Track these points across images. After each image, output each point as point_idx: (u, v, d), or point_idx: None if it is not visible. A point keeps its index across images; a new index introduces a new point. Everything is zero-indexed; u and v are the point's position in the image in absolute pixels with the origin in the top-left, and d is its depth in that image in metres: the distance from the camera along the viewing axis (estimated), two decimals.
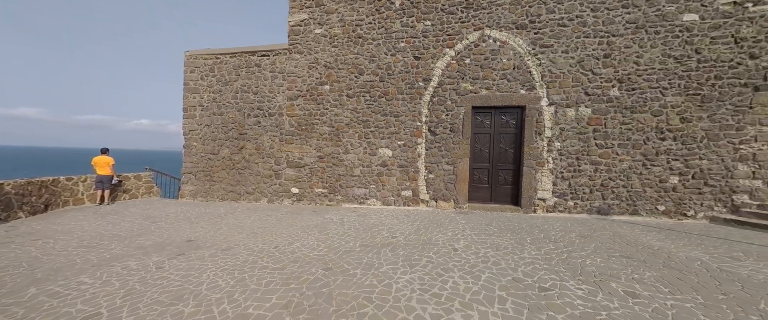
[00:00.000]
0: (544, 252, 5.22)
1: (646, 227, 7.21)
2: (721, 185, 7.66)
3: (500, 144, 8.70)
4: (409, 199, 9.03)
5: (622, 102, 8.01)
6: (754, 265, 4.84)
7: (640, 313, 3.23)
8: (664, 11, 7.71)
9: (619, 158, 8.10)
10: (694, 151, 7.76)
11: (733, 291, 3.85)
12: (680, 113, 7.79)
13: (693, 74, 7.68)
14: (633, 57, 7.91)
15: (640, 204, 8.03)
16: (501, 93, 8.45)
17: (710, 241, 6.21)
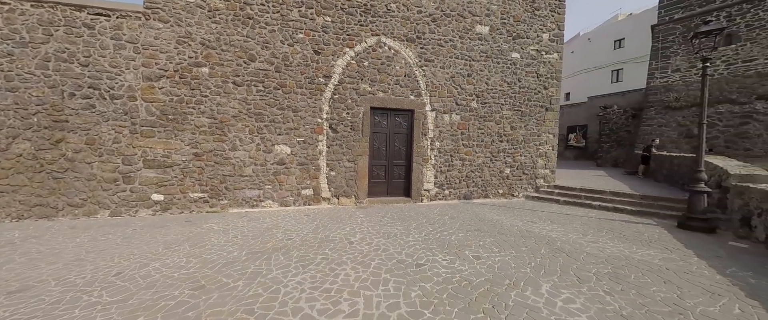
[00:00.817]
0: (424, 234, 5.40)
1: (492, 206, 8.10)
2: (530, 173, 9.10)
3: (395, 143, 7.93)
4: (310, 198, 7.12)
5: (478, 112, 8.53)
6: (542, 225, 6.31)
7: (479, 269, 3.92)
8: (502, 48, 8.62)
9: (477, 156, 8.61)
10: (518, 150, 8.96)
11: (530, 243, 5.04)
12: (510, 123, 8.85)
13: (517, 96, 8.85)
14: (485, 79, 8.54)
15: (489, 189, 8.74)
16: (395, 97, 7.67)
17: (524, 212, 7.52)
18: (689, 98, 14.56)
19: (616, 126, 18.89)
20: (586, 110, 21.88)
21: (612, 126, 19.24)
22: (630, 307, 3.00)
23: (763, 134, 12.12)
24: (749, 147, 12.41)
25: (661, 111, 14.96)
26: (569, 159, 22.94)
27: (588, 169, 15.89)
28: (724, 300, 3.26)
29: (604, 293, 3.28)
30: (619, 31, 23.89)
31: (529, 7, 9.12)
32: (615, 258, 4.40)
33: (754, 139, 12.30)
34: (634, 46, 22.08)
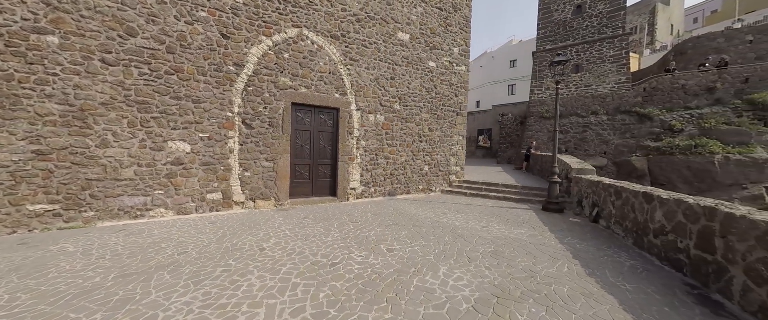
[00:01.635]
0: (344, 232, 4.59)
1: (413, 201, 7.38)
2: (445, 170, 8.56)
3: (320, 141, 6.43)
4: (218, 202, 5.19)
5: (401, 114, 7.58)
6: (451, 215, 6.00)
7: (390, 261, 3.46)
8: (421, 56, 7.83)
9: (400, 154, 7.66)
10: (435, 149, 8.32)
11: (438, 232, 4.71)
12: (429, 125, 8.15)
13: (433, 101, 8.19)
14: (406, 83, 7.62)
15: (411, 186, 7.90)
16: (319, 94, 6.18)
17: (438, 205, 7.07)
18: (554, 111, 16.16)
19: (509, 130, 20.48)
20: (491, 116, 23.42)
21: (507, 130, 20.87)
22: (501, 277, 3.12)
23: (594, 139, 13.94)
24: (587, 148, 14.19)
25: (538, 120, 16.44)
26: (479, 157, 24.34)
27: (490, 166, 16.66)
28: (559, 262, 3.65)
29: (485, 268, 3.35)
30: (513, 54, 26.20)
31: (443, 23, 8.51)
32: (498, 239, 4.50)
33: (590, 142, 14.10)
34: (524, 66, 24.36)
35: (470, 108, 29.19)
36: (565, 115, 15.57)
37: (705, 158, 11.20)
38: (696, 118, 12.20)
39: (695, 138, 11.79)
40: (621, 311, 2.55)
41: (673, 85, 13.17)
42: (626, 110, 13.93)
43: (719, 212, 2.88)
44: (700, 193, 11.42)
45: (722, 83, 12.15)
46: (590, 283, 3.07)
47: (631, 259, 3.84)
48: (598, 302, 2.69)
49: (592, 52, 16.53)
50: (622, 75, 15.53)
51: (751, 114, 11.33)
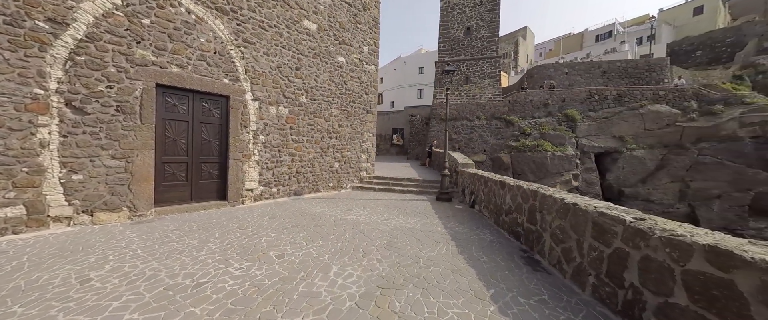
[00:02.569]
0: (226, 242, 3.82)
1: (321, 199, 7.07)
2: (356, 167, 8.57)
3: (203, 135, 5.28)
4: (19, 221, 3.47)
5: (308, 108, 7.09)
6: (357, 211, 5.84)
7: (277, 269, 3.07)
8: (330, 49, 7.53)
9: (307, 151, 7.17)
10: (345, 146, 8.20)
11: (339, 230, 4.55)
12: (339, 121, 7.95)
13: (344, 97, 8.03)
14: (314, 76, 7.16)
15: (320, 183, 7.53)
16: (201, 77, 5.05)
17: (346, 202, 6.94)
18: (451, 114, 18.54)
19: (417, 130, 22.31)
20: (403, 117, 24.89)
21: (415, 130, 22.68)
22: (389, 268, 3.15)
23: (478, 139, 16.77)
24: (473, 147, 16.92)
25: (439, 122, 18.51)
26: (393, 154, 25.57)
27: (401, 162, 17.72)
28: (440, 245, 4.01)
29: (376, 261, 3.33)
30: (421, 61, 28.56)
31: (353, 19, 8.35)
32: (395, 230, 4.61)
33: (475, 142, 16.86)
34: (430, 73, 26.85)
35: (385, 108, 30.74)
36: (457, 118, 18.18)
37: (542, 154, 15.14)
38: (538, 125, 16.37)
39: (537, 140, 15.79)
40: (477, 280, 2.98)
41: (525, 99, 17.26)
42: (498, 117, 17.38)
43: (539, 194, 3.72)
44: (539, 180, 15.32)
45: (552, 101, 16.74)
46: (460, 260, 3.51)
47: (491, 235, 4.63)
48: (463, 276, 3.07)
49: (477, 68, 19.87)
50: (496, 89, 19.26)
51: (566, 124, 16.03)
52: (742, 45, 23.09)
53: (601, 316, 2.43)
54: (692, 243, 1.88)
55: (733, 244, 1.76)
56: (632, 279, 2.30)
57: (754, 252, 1.63)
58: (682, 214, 14.35)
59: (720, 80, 19.09)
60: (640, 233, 2.26)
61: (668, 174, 14.74)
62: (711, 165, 13.95)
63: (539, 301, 2.64)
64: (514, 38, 39.32)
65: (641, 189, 15.21)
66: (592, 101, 16.45)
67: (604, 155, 15.94)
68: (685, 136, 14.56)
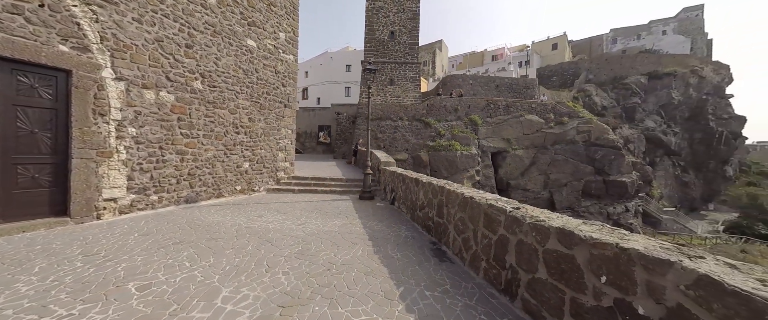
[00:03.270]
0: (53, 278, 2.66)
1: (224, 205, 6.02)
2: (271, 166, 7.72)
3: (21, 123, 3.62)
4: None
5: (205, 96, 5.91)
6: (268, 217, 5.24)
7: (134, 307, 2.30)
8: (235, 30, 6.47)
9: (205, 148, 5.95)
10: (258, 143, 7.25)
11: (241, 242, 3.81)
12: (248, 114, 6.95)
13: (255, 87, 7.07)
14: (213, 57, 6.01)
15: (224, 187, 6.40)
16: (13, 37, 3.44)
17: (257, 207, 6.11)
18: (376, 114, 18.87)
19: (344, 128, 21.77)
20: (330, 114, 23.80)
21: (342, 128, 22.09)
22: (297, 280, 2.80)
23: (401, 138, 17.66)
24: (397, 146, 17.72)
25: (365, 121, 18.50)
26: (320, 153, 24.21)
27: (327, 161, 16.93)
28: (357, 246, 3.83)
29: (282, 274, 2.92)
30: (349, 59, 27.93)
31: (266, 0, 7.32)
32: (311, 235, 4.27)
33: (399, 141, 17.70)
34: (357, 72, 26.48)
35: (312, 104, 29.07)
36: (382, 118, 18.70)
37: (453, 153, 17.15)
38: (450, 127, 18.45)
39: (449, 140, 17.77)
40: (389, 280, 2.93)
41: (440, 104, 19.19)
42: (418, 119, 18.73)
43: (445, 190, 4.00)
44: (451, 175, 17.28)
45: (460, 107, 19.16)
46: (374, 261, 3.42)
47: (407, 231, 4.77)
48: (375, 277, 2.98)
49: (401, 71, 20.88)
50: (416, 92, 20.69)
51: (470, 127, 18.61)
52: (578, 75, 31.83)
53: (490, 296, 2.68)
54: (549, 227, 2.21)
55: (574, 225, 2.14)
56: (511, 260, 2.61)
57: (586, 231, 1.99)
58: (544, 199, 18.66)
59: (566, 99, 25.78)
60: (516, 221, 2.57)
61: (537, 169, 18.92)
62: (561, 162, 18.62)
63: (442, 292, 2.74)
64: (433, 49, 43.43)
65: (521, 181, 19.04)
66: (489, 108, 19.58)
67: (497, 154, 19.23)
68: (547, 140, 18.97)
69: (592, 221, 2.29)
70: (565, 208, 18.69)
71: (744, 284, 1.31)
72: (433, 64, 42.25)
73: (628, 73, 30.56)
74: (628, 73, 30.62)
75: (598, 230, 2.07)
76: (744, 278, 1.36)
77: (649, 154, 27.40)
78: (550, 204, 18.74)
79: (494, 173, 19.06)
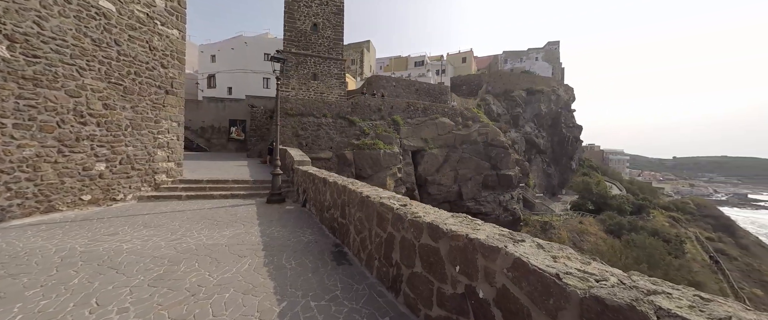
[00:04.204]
0: None
1: (54, 224, 4.47)
2: (146, 168, 6.15)
3: None
4: None
5: (17, 69, 4.15)
6: (127, 234, 4.07)
7: None
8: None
9: (21, 143, 4.19)
10: (121, 138, 5.62)
11: (58, 276, 2.81)
12: (103, 100, 5.33)
13: (115, 64, 5.47)
14: (33, 14, 4.28)
15: (59, 197, 4.71)
16: None
17: (113, 222, 4.72)
18: (297, 110, 17.53)
19: (260, 123, 19.38)
20: (245, 107, 20.65)
21: (258, 123, 19.58)
22: (136, 319, 2.17)
23: (325, 136, 16.99)
24: (321, 144, 16.97)
25: (284, 116, 16.92)
26: (232, 151, 20.84)
27: (239, 160, 14.76)
28: (244, 259, 3.32)
29: (117, 313, 2.22)
30: (267, 47, 24.89)
31: None
32: (184, 252, 3.50)
33: (322, 139, 16.97)
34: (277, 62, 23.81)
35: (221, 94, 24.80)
36: (304, 114, 17.54)
37: (377, 152, 17.55)
38: (374, 126, 18.81)
39: (374, 139, 18.11)
40: (272, 297, 2.57)
41: (365, 103, 19.34)
42: (343, 116, 18.38)
43: (347, 189, 3.86)
44: (375, 173, 17.67)
45: (384, 107, 19.78)
46: (260, 275, 2.98)
47: (312, 235, 4.44)
48: (255, 295, 2.58)
49: (325, 66, 20.03)
50: (342, 89, 20.27)
51: (393, 127, 19.45)
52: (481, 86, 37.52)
53: (379, 295, 2.64)
54: (422, 223, 2.26)
55: (442, 219, 2.24)
56: (397, 257, 2.61)
57: (449, 224, 2.10)
58: (455, 191, 21.19)
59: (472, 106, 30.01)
60: (400, 218, 2.58)
61: (449, 166, 21.30)
62: (467, 159, 21.49)
63: (331, 299, 2.55)
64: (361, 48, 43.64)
65: (436, 176, 21.07)
66: (410, 110, 20.88)
67: (416, 152, 20.71)
68: (457, 140, 21.56)
69: (459, 214, 2.44)
70: (470, 199, 21.69)
71: (541, 262, 1.50)
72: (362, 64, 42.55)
73: (514, 88, 37.83)
74: (514, 87, 37.91)
75: (459, 222, 2.20)
76: (544, 257, 1.57)
77: (527, 152, 34.65)
78: (459, 196, 21.38)
79: (414, 170, 20.47)
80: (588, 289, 1.30)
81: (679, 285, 1.36)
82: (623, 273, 1.49)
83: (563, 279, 1.38)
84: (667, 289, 1.31)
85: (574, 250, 1.72)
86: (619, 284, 1.35)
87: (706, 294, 1.28)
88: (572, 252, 1.68)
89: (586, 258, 1.64)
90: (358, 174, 17.91)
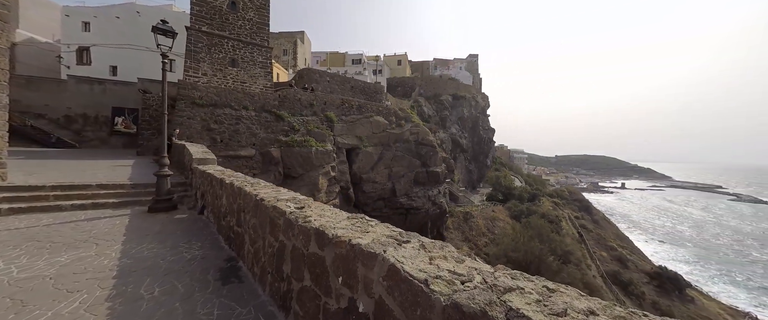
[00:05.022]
0: None
1: None
2: None
3: None
4: None
5: None
6: None
7: None
8: None
9: None
10: None
11: None
12: None
13: None
14: None
15: None
16: None
17: None
18: (210, 99, 14.99)
19: (157, 113, 15.71)
20: (136, 92, 16.34)
21: (153, 113, 15.83)
22: None
23: (246, 131, 15.09)
24: (240, 140, 14.98)
25: (190, 106, 14.25)
26: (117, 147, 16.29)
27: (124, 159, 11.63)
28: (76, 295, 2.47)
29: None
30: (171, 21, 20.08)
31: None
32: None
33: (242, 134, 15.02)
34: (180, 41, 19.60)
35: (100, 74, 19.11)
36: (219, 105, 15.13)
37: (308, 149, 16.51)
38: (305, 122, 17.65)
39: (305, 136, 16.97)
40: None
41: (295, 97, 17.94)
42: (269, 110, 16.61)
43: (243, 192, 3.27)
44: (306, 173, 16.61)
45: (316, 102, 18.77)
46: (95, 315, 2.20)
47: (202, 248, 3.67)
48: None
49: (247, 52, 17.70)
50: (267, 80, 18.31)
51: (326, 124, 18.66)
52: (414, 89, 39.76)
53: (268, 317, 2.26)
54: (311, 229, 1.96)
55: (332, 223, 1.98)
56: (288, 270, 2.24)
57: (337, 229, 1.85)
58: (389, 188, 21.78)
59: (407, 107, 31.44)
60: (291, 224, 2.22)
61: (383, 163, 21.75)
62: (400, 157, 22.35)
63: None
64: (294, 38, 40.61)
65: (371, 174, 21.23)
66: (344, 107, 20.40)
67: (351, 150, 20.41)
68: (390, 138, 22.17)
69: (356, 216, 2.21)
70: (403, 194, 22.64)
71: (414, 267, 1.36)
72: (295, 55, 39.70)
73: (443, 93, 41.43)
74: (443, 92, 41.53)
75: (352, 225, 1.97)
76: (421, 259, 1.44)
77: (453, 151, 38.45)
78: (392, 193, 22.04)
79: (349, 169, 20.12)
80: (451, 295, 1.22)
81: (533, 277, 1.38)
82: (489, 270, 1.46)
83: (430, 286, 1.27)
84: (522, 283, 1.33)
85: (453, 248, 1.68)
86: (481, 284, 1.31)
87: (553, 283, 1.34)
88: (451, 251, 1.63)
89: (462, 255, 1.61)
90: (286, 174, 16.53)
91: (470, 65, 54.12)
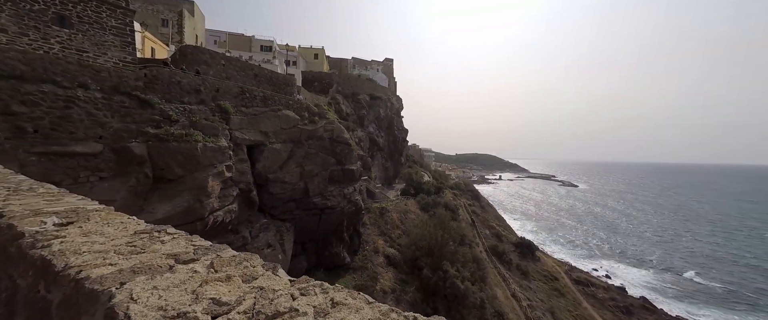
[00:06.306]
0: None
1: None
2: None
3: None
4: None
5: None
6: None
7: None
8: None
9: None
10: None
11: None
12: None
13: None
14: None
15: None
16: None
17: None
18: (17, 69, 9.94)
19: None
20: None
21: None
22: None
23: (86, 119, 10.86)
24: (74, 130, 10.64)
25: None
26: None
27: None
28: None
29: None
30: None
31: None
32: None
33: (78, 123, 10.72)
34: None
35: None
36: (29, 79, 10.22)
37: (192, 145, 13.23)
38: (188, 112, 14.11)
39: (187, 129, 13.52)
40: None
41: (171, 79, 14.08)
42: (126, 92, 12.40)
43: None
44: (190, 174, 13.30)
45: (205, 88, 15.33)
46: None
47: None
48: None
49: (89, 11, 12.69)
50: (127, 54, 13.70)
51: (219, 115, 15.50)
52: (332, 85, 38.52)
53: None
54: (36, 257, 1.06)
55: (87, 249, 1.10)
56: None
57: (90, 254, 0.99)
58: (300, 188, 20.12)
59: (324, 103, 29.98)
60: (22, 253, 1.18)
61: (294, 162, 19.91)
62: (313, 155, 20.99)
63: None
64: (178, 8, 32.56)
65: (280, 174, 19.06)
66: (245, 97, 17.50)
67: (254, 147, 17.73)
68: (303, 135, 20.51)
69: (159, 227, 1.35)
70: (317, 194, 21.35)
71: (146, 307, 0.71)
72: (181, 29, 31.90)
73: (361, 92, 41.81)
74: (361, 91, 41.91)
75: (129, 244, 1.15)
76: (172, 294, 0.81)
77: (371, 149, 39.35)
78: (305, 193, 20.45)
79: (251, 168, 17.42)
80: None
81: (330, 288, 1.21)
82: (278, 288, 1.01)
83: None
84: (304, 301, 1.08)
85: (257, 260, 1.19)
86: (245, 311, 0.97)
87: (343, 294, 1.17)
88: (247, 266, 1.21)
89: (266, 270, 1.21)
90: (159, 176, 12.76)
91: (386, 68, 56.82)
